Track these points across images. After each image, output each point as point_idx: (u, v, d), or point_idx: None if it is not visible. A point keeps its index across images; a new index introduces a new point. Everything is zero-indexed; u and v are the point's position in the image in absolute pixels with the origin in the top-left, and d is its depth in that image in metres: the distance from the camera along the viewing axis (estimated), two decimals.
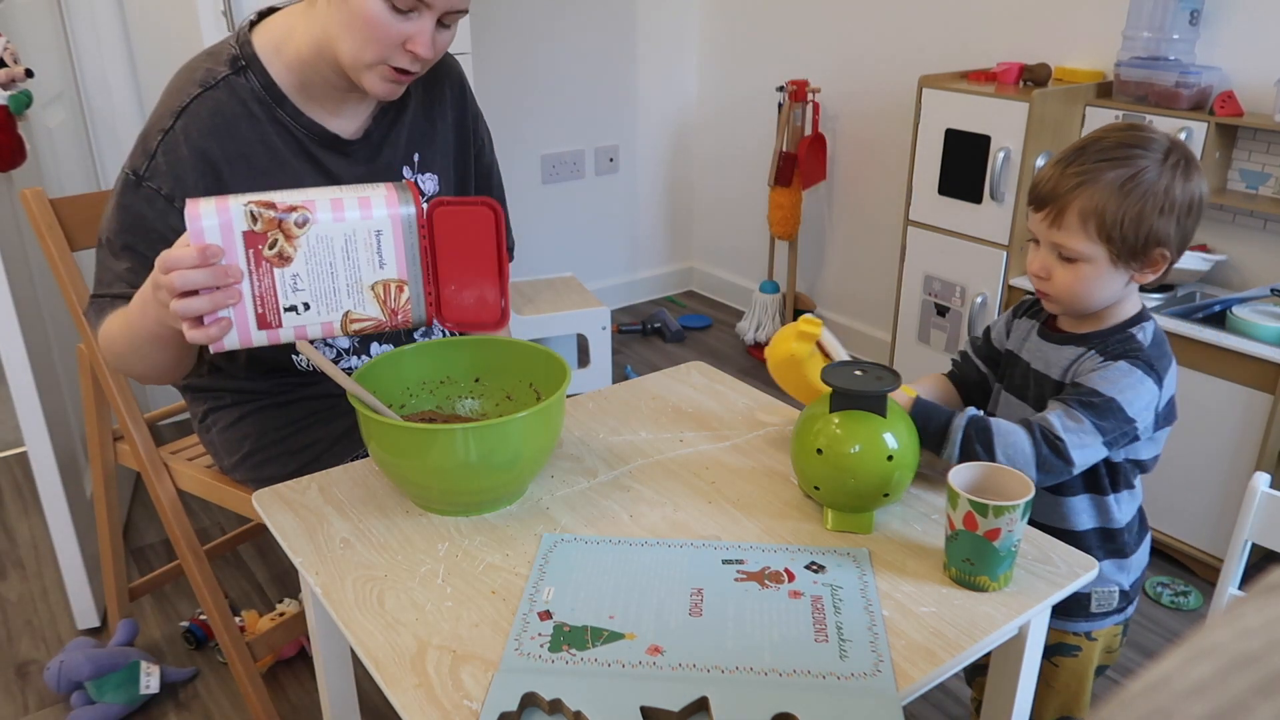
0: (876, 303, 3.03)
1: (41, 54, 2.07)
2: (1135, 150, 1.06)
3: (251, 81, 1.20)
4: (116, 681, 1.64)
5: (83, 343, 1.50)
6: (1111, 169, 1.06)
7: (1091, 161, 1.07)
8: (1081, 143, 1.10)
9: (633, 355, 3.14)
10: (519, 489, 1.08)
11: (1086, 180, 1.06)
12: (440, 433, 0.99)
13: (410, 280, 1.02)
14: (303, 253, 0.97)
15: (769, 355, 1.17)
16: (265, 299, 0.98)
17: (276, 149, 1.22)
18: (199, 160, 1.17)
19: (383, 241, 0.99)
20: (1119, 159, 1.06)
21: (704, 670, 0.82)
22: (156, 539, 2.15)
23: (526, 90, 3.06)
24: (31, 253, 1.82)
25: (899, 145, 2.76)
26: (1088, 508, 1.17)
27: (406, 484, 1.05)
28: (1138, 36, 2.08)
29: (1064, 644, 1.23)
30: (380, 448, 1.02)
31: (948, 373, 1.33)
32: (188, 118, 1.18)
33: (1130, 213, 1.05)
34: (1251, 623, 0.30)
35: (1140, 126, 1.10)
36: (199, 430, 1.44)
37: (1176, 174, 1.06)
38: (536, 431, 1.02)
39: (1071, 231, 1.08)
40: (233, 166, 1.19)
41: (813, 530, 1.03)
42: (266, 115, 1.21)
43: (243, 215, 0.95)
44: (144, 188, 1.18)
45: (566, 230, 3.32)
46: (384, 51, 1.13)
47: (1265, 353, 1.79)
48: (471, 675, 0.82)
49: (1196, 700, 0.28)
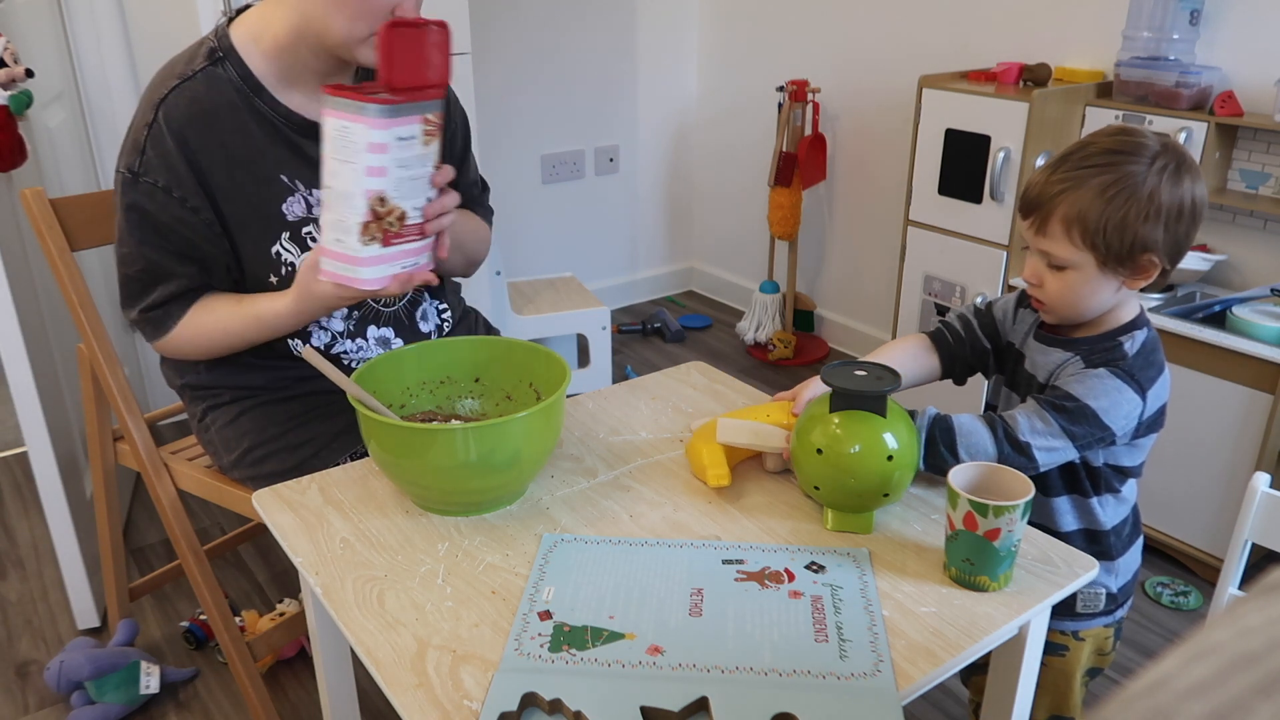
0: (876, 303, 3.03)
1: (41, 54, 2.07)
2: (1122, 155, 1.05)
3: (229, 72, 1.22)
4: (116, 681, 1.64)
5: (83, 343, 1.50)
6: (1096, 175, 1.04)
7: (1076, 168, 1.05)
8: (1071, 148, 1.09)
9: (633, 355, 3.14)
10: (519, 489, 1.08)
11: (1070, 187, 1.05)
12: (440, 433, 0.99)
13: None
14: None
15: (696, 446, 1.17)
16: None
17: (254, 137, 1.24)
18: (182, 148, 1.20)
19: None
20: (1104, 165, 1.04)
21: (704, 670, 0.82)
22: (156, 539, 2.15)
23: (526, 90, 3.06)
24: (31, 253, 1.82)
25: (899, 145, 2.76)
26: (1070, 509, 1.17)
27: (406, 484, 1.05)
28: (1138, 36, 2.08)
29: (1051, 643, 1.23)
30: (380, 448, 1.02)
31: (931, 332, 1.28)
32: (167, 108, 1.20)
33: (1114, 219, 1.03)
34: (1251, 623, 0.30)
35: (1133, 130, 1.09)
36: (197, 430, 1.44)
37: (1164, 178, 1.04)
38: (536, 431, 1.02)
39: (1056, 239, 1.07)
40: (210, 155, 1.21)
41: (813, 530, 1.03)
42: (245, 104, 1.23)
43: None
44: (141, 183, 1.21)
45: (566, 230, 3.32)
46: (375, 24, 1.14)
47: (1265, 353, 1.79)
48: (471, 675, 0.82)
49: (1196, 700, 0.28)
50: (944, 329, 1.28)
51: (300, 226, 1.27)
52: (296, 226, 1.27)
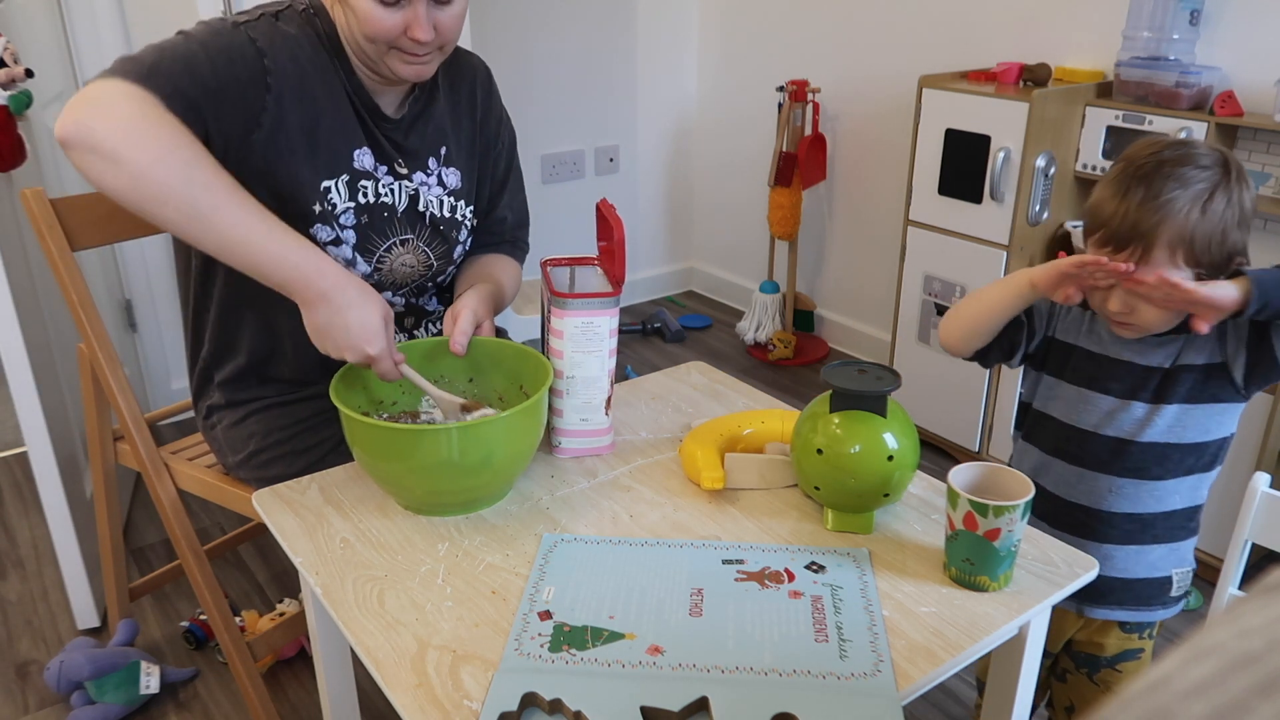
0: (876, 302, 3.03)
1: (41, 54, 2.07)
2: (1197, 170, 1.05)
3: (318, 27, 1.22)
4: (116, 681, 1.64)
5: (83, 343, 1.50)
6: (1183, 194, 1.04)
7: (1163, 193, 1.04)
8: (1135, 169, 1.07)
9: (633, 355, 3.14)
10: (499, 490, 1.08)
11: (1165, 210, 1.04)
12: (423, 433, 0.99)
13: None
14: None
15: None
16: None
17: (336, 88, 1.22)
18: (289, 43, 1.18)
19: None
20: (1185, 181, 1.05)
21: (704, 670, 0.82)
22: (156, 539, 2.15)
23: (526, 90, 3.06)
24: (31, 253, 1.82)
25: (899, 145, 2.76)
26: (1184, 489, 1.18)
27: (388, 485, 1.05)
28: (1138, 36, 2.08)
29: (1128, 650, 1.24)
30: (360, 449, 1.02)
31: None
32: (282, 22, 1.19)
33: (1215, 234, 1.05)
34: (1251, 623, 0.30)
35: (1184, 142, 1.09)
36: (203, 428, 1.44)
37: (1241, 184, 1.06)
38: (514, 433, 1.02)
39: (1160, 264, 1.06)
40: (304, 77, 1.19)
41: (813, 530, 1.03)
42: (329, 61, 1.22)
43: None
44: (241, 30, 1.16)
45: (566, 230, 3.32)
46: (388, 42, 1.16)
47: None
48: (471, 675, 0.82)
49: (1196, 700, 0.28)
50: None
51: (361, 178, 1.25)
52: (359, 175, 1.25)
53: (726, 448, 1.14)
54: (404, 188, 1.29)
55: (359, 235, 1.26)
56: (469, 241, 1.40)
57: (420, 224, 1.31)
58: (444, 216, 1.34)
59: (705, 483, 1.07)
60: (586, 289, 1.19)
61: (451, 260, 1.38)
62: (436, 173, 1.33)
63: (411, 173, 1.30)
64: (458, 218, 1.36)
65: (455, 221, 1.35)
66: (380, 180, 1.27)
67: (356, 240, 1.25)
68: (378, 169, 1.27)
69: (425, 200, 1.31)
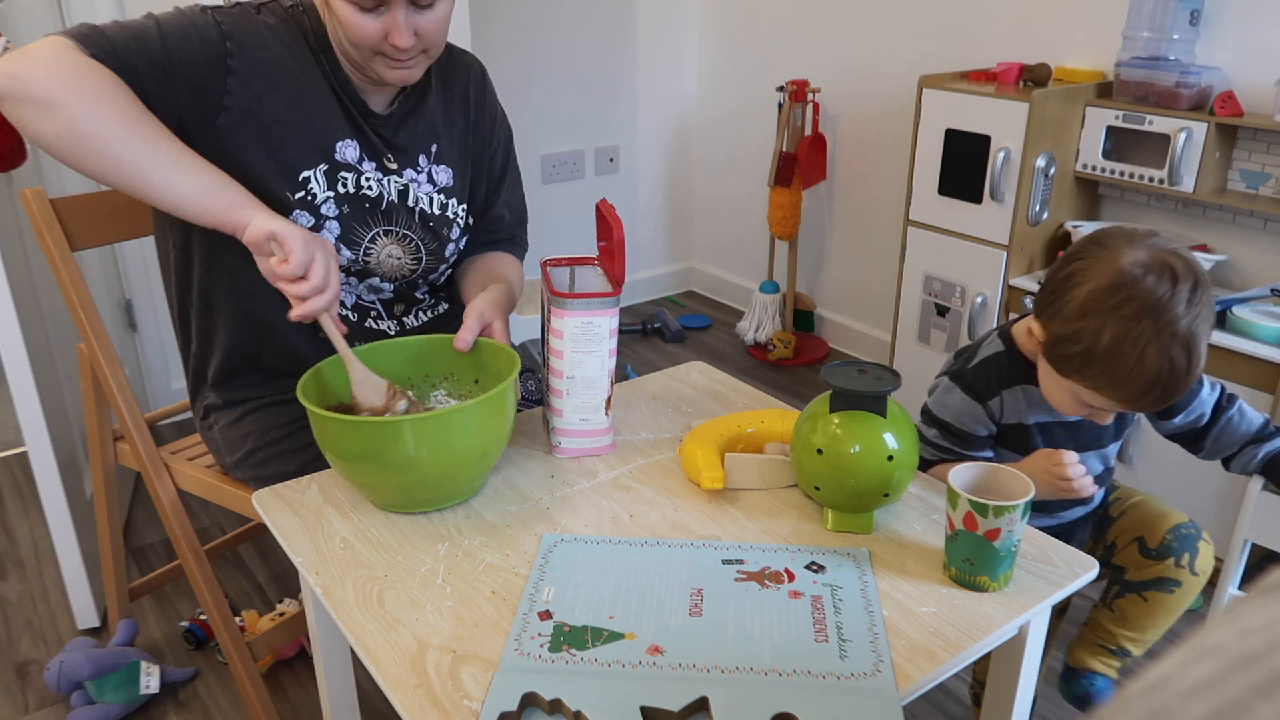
0: (876, 303, 3.03)
1: None
2: (1199, 349, 1.06)
3: (305, 24, 1.23)
4: (116, 681, 1.64)
5: (83, 343, 1.50)
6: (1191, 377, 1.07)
7: (1178, 393, 1.07)
8: (1153, 377, 1.06)
9: (633, 355, 3.14)
10: (466, 486, 1.07)
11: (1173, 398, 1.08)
12: (386, 425, 0.98)
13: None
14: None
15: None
16: None
17: (319, 82, 1.23)
18: (266, 32, 1.19)
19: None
20: (1196, 369, 1.07)
21: (704, 670, 0.82)
22: (156, 539, 2.15)
23: (526, 90, 3.06)
24: (31, 253, 1.82)
25: (899, 145, 2.76)
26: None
27: (355, 483, 1.05)
28: (1138, 36, 2.08)
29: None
30: (324, 446, 1.02)
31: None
32: (263, 15, 1.20)
33: (1196, 374, 1.07)
34: (1251, 623, 0.30)
35: (1159, 263, 1.05)
36: (200, 428, 1.44)
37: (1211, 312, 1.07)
38: (480, 424, 1.01)
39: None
40: (279, 70, 1.20)
41: (813, 530, 1.03)
42: (312, 55, 1.23)
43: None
44: (208, 13, 1.17)
45: (566, 230, 3.32)
46: (371, 47, 1.17)
47: (1265, 353, 1.79)
48: (471, 675, 0.82)
49: (1196, 700, 0.28)
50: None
51: (342, 169, 1.25)
52: (340, 167, 1.25)
53: (726, 448, 1.14)
54: (393, 183, 1.30)
55: (342, 225, 1.26)
56: (463, 241, 1.40)
57: (410, 218, 1.32)
58: (434, 213, 1.34)
59: (705, 483, 1.07)
60: (586, 289, 1.19)
61: (443, 259, 1.37)
62: (427, 170, 1.33)
63: (402, 169, 1.31)
64: (449, 215, 1.36)
65: (446, 219, 1.35)
66: (364, 174, 1.27)
67: (340, 230, 1.26)
68: (363, 163, 1.27)
69: (415, 196, 1.32)
